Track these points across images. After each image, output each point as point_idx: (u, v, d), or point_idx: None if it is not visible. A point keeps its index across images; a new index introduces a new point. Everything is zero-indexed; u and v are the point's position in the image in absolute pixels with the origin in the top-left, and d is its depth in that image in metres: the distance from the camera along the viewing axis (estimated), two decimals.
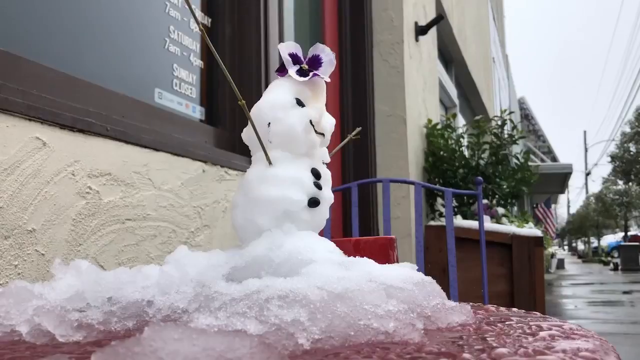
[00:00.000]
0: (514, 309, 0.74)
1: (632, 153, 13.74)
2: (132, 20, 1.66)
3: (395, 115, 3.47)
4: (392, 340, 0.48)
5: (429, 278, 0.65)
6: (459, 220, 3.55)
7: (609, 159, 15.03)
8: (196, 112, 1.94)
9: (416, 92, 3.79)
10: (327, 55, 0.74)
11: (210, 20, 2.04)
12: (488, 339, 0.51)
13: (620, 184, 22.15)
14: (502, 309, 0.75)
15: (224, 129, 2.02)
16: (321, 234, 0.75)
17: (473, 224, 3.47)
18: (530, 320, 0.63)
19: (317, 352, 0.44)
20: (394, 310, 0.51)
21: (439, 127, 4.07)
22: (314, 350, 0.45)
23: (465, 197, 3.95)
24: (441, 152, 3.96)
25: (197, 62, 1.94)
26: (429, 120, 4.03)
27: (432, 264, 3.56)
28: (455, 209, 3.95)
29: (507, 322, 0.61)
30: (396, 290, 0.57)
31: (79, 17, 1.46)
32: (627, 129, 14.15)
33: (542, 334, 0.54)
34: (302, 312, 0.47)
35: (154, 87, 1.72)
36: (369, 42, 3.46)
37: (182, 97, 1.85)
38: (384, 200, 1.85)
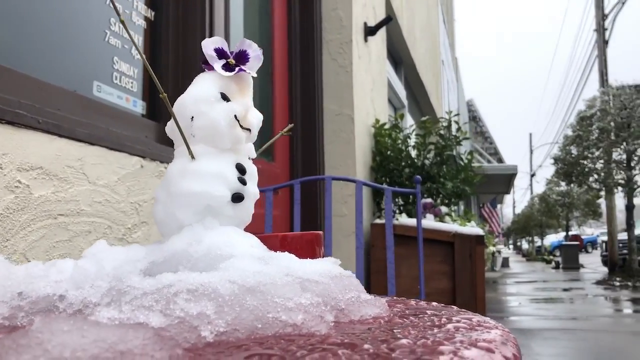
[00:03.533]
0: (434, 303, 0.76)
1: (573, 155, 14.28)
2: (71, 11, 1.62)
3: (344, 114, 3.50)
4: (300, 332, 0.49)
5: (348, 272, 0.66)
6: (404, 219, 3.61)
7: (552, 161, 15.56)
8: (137, 106, 1.90)
9: (364, 92, 3.83)
10: (254, 51, 0.75)
11: (153, 13, 2.01)
12: (395, 330, 0.53)
13: (563, 185, 22.96)
14: (422, 302, 0.77)
15: (166, 123, 1.99)
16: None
17: None
18: (445, 314, 0.65)
19: (220, 344, 0.45)
20: (306, 303, 0.52)
21: (386, 127, 4.12)
22: (217, 343, 0.45)
23: (410, 196, 4.02)
24: (388, 152, 4.01)
25: (139, 56, 1.91)
26: (377, 120, 4.08)
27: (378, 261, 3.61)
28: (401, 208, 4.02)
29: (420, 315, 0.63)
30: (312, 283, 0.58)
31: (13, 6, 1.41)
32: (569, 132, 14.69)
33: (449, 326, 0.56)
34: (209, 305, 0.47)
35: (92, 80, 1.68)
36: (318, 41, 3.48)
37: (122, 90, 1.81)
38: (325, 197, 1.86)
